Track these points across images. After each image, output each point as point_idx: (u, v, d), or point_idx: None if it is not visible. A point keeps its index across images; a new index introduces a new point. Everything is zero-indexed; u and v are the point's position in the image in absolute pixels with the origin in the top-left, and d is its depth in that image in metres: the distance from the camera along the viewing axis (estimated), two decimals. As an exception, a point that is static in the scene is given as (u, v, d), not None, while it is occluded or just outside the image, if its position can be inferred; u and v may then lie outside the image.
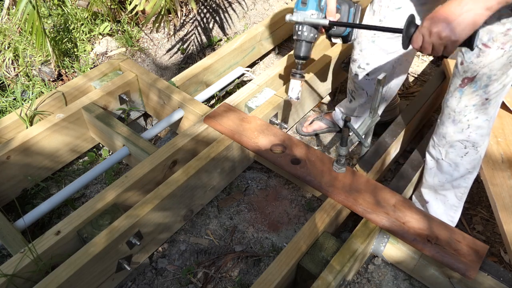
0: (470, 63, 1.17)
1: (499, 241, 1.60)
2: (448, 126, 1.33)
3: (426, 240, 1.22)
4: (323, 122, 1.91)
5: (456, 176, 1.42)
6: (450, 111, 1.29)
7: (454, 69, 1.26)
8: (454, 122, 1.30)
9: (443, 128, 1.35)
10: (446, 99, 1.31)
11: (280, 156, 1.48)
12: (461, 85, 1.22)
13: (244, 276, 1.43)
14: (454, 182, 1.44)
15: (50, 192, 1.72)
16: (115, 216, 1.33)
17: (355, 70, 1.60)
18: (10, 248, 1.32)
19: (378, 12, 1.42)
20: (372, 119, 1.41)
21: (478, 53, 1.14)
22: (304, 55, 1.39)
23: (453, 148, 1.36)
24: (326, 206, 1.36)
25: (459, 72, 1.22)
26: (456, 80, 1.24)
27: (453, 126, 1.31)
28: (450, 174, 1.43)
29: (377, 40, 1.47)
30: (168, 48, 2.39)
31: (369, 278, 1.38)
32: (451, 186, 1.46)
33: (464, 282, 1.23)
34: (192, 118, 1.74)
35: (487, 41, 1.10)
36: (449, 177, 1.43)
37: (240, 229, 1.56)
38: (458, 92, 1.24)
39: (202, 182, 1.50)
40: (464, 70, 1.19)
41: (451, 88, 1.27)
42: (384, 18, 1.41)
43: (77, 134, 1.75)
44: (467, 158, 1.37)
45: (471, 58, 1.16)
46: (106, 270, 1.28)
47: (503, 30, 1.07)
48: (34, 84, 2.11)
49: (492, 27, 1.08)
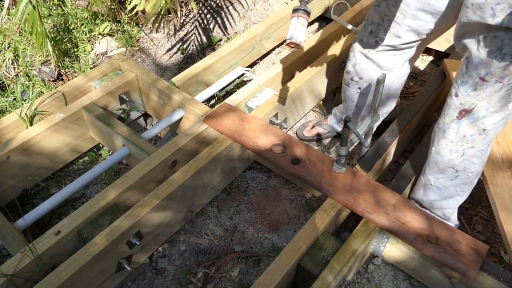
0: (466, 96, 1.14)
1: (499, 241, 1.59)
2: (444, 156, 1.30)
3: (426, 240, 1.22)
4: (323, 127, 1.89)
5: (445, 196, 1.41)
6: (448, 142, 1.26)
7: (448, 100, 1.22)
8: (451, 152, 1.28)
9: (439, 157, 1.32)
10: (443, 131, 1.26)
11: (280, 156, 1.48)
12: (458, 117, 1.19)
13: (244, 276, 1.43)
14: (443, 201, 1.43)
15: (50, 192, 1.72)
16: (115, 216, 1.33)
17: (348, 82, 1.59)
18: (10, 248, 1.32)
19: (376, 34, 1.39)
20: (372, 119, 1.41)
21: (475, 86, 1.11)
22: None
23: (444, 173, 1.34)
24: (326, 206, 1.36)
25: (454, 104, 1.19)
26: (452, 112, 1.20)
27: (449, 156, 1.29)
28: (439, 195, 1.41)
29: (371, 55, 1.46)
30: (168, 48, 2.39)
31: (369, 278, 1.38)
32: (440, 205, 1.45)
33: (464, 282, 1.23)
34: (192, 118, 1.74)
35: (485, 75, 1.08)
36: (438, 197, 1.42)
37: (240, 229, 1.56)
38: (455, 124, 1.21)
39: (202, 182, 1.50)
40: (461, 103, 1.17)
41: (447, 119, 1.23)
42: (381, 41, 1.39)
43: (77, 134, 1.75)
44: (457, 181, 1.35)
45: (468, 91, 1.13)
46: (106, 270, 1.28)
47: (503, 65, 1.04)
48: (34, 84, 2.11)
49: (492, 61, 1.05)
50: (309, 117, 2.06)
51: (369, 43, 1.44)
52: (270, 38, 2.28)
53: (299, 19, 1.23)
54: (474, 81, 1.11)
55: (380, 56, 1.46)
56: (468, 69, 1.11)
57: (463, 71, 1.14)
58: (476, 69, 1.09)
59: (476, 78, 1.10)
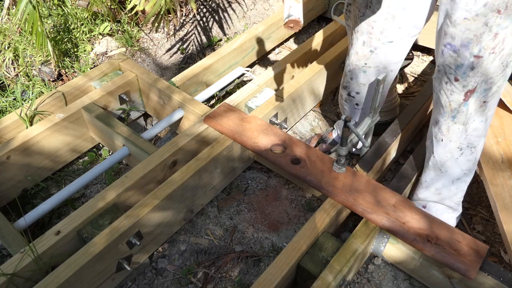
0: (466, 77, 1.16)
1: (499, 241, 1.59)
2: (456, 140, 1.31)
3: (426, 240, 1.22)
4: (329, 142, 1.85)
5: (453, 179, 1.42)
6: (460, 126, 1.28)
7: (446, 87, 1.22)
8: (461, 134, 1.29)
9: (451, 144, 1.33)
10: (452, 117, 1.26)
11: (280, 156, 1.48)
12: (465, 99, 1.21)
13: (244, 276, 1.43)
14: (452, 186, 1.44)
15: (50, 192, 1.72)
16: (115, 216, 1.33)
17: (345, 97, 1.59)
18: (10, 248, 1.32)
19: (369, 43, 1.38)
20: (372, 119, 1.41)
21: (472, 65, 1.13)
22: None
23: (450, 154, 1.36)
24: (326, 206, 1.36)
25: (457, 88, 1.20)
26: (457, 96, 1.21)
27: (460, 139, 1.31)
28: (447, 179, 1.42)
29: (368, 70, 1.45)
30: (168, 48, 2.39)
31: (369, 278, 1.38)
32: (449, 192, 1.46)
33: (464, 282, 1.23)
34: (192, 118, 1.74)
35: (478, 52, 1.10)
36: (446, 182, 1.43)
37: (240, 229, 1.56)
38: (464, 106, 1.23)
39: (202, 182, 1.50)
40: (463, 85, 1.18)
41: (454, 105, 1.24)
42: (375, 49, 1.39)
43: (77, 134, 1.75)
44: (462, 159, 1.36)
45: (466, 72, 1.15)
46: (106, 270, 1.28)
47: (491, 36, 1.07)
48: (34, 84, 2.11)
49: (482, 37, 1.07)
50: (309, 117, 2.06)
51: (364, 54, 1.43)
52: (270, 38, 2.29)
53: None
54: (469, 61, 1.12)
55: (376, 71, 1.45)
56: (459, 52, 1.13)
57: (452, 56, 1.15)
58: (468, 49, 1.11)
59: (471, 57, 1.12)
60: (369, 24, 1.35)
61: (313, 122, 2.05)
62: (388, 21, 1.31)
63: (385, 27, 1.33)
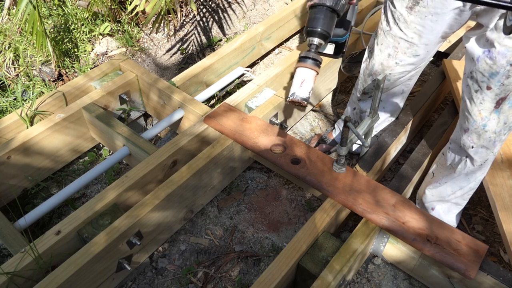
0: (500, 86, 1.15)
1: (498, 241, 1.60)
2: (489, 148, 1.31)
3: (425, 240, 1.22)
4: (329, 143, 1.86)
5: (471, 180, 1.43)
6: (491, 135, 1.26)
7: (476, 96, 1.21)
8: (495, 143, 1.29)
9: (483, 150, 1.32)
10: (483, 125, 1.25)
11: (280, 156, 1.48)
12: (496, 106, 1.20)
13: (244, 276, 1.43)
14: (470, 184, 1.45)
15: (51, 192, 1.73)
16: (115, 216, 1.33)
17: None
18: (11, 248, 1.32)
19: (394, 56, 1.38)
20: (372, 119, 1.41)
21: (507, 74, 1.12)
22: (323, 30, 0.92)
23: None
24: (326, 206, 1.36)
25: (489, 96, 1.18)
26: (489, 104, 1.20)
27: (493, 148, 1.31)
28: (467, 181, 1.43)
29: (392, 78, 1.46)
30: (168, 48, 2.40)
31: (369, 278, 1.38)
32: (462, 193, 1.47)
33: (464, 282, 1.23)
34: (192, 118, 1.74)
35: None
36: (465, 183, 1.44)
37: (240, 229, 1.56)
38: (495, 113, 1.21)
39: (202, 182, 1.50)
40: (496, 94, 1.17)
41: (484, 113, 1.22)
42: (401, 62, 1.39)
43: (78, 134, 1.76)
44: (488, 164, 1.38)
45: (501, 81, 1.14)
46: (106, 270, 1.28)
47: None
48: (34, 84, 2.11)
49: None
50: (309, 117, 2.06)
51: (389, 66, 1.44)
52: (270, 38, 2.29)
53: (306, 71, 0.98)
54: (505, 69, 1.11)
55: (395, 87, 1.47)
56: (496, 60, 1.11)
57: (488, 63, 1.13)
58: (505, 57, 1.09)
59: (507, 65, 1.10)
60: (396, 39, 1.35)
61: (313, 122, 2.05)
62: (415, 39, 1.32)
63: (412, 43, 1.33)
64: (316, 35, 0.95)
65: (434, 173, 1.54)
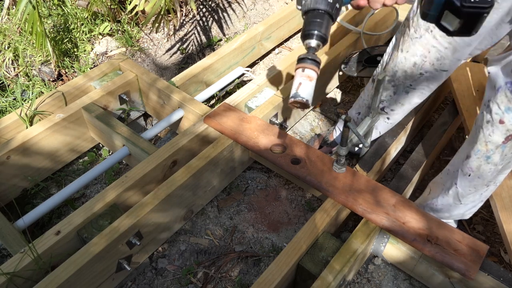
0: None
1: (499, 241, 1.60)
2: (486, 178, 1.28)
3: (426, 240, 1.22)
4: (331, 145, 1.82)
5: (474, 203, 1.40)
6: (492, 166, 1.22)
7: (487, 127, 1.16)
8: (493, 173, 1.26)
9: (479, 180, 1.29)
10: (486, 157, 1.20)
11: (280, 156, 1.48)
12: (504, 142, 1.15)
13: (244, 276, 1.43)
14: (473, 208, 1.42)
15: (50, 192, 1.72)
16: (115, 216, 1.33)
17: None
18: (10, 248, 1.32)
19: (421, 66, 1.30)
20: (372, 119, 1.41)
21: None
22: (320, 32, 0.91)
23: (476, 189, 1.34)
24: (326, 206, 1.36)
25: (500, 130, 1.13)
26: (497, 138, 1.15)
27: (490, 177, 1.28)
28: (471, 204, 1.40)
29: (411, 91, 1.39)
30: (168, 48, 2.39)
31: (369, 278, 1.38)
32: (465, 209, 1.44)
33: (464, 282, 1.23)
34: (192, 118, 1.74)
35: None
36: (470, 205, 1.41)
37: (240, 229, 1.56)
38: (501, 148, 1.17)
39: (202, 182, 1.50)
40: (508, 129, 1.11)
41: (490, 146, 1.18)
42: (425, 73, 1.31)
43: (77, 134, 1.75)
44: (487, 194, 1.36)
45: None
46: (106, 270, 1.28)
47: None
48: (34, 84, 2.11)
49: None
50: (309, 117, 2.06)
51: (412, 75, 1.35)
52: (270, 38, 2.29)
53: (305, 71, 0.97)
54: None
55: (418, 94, 1.40)
56: None
57: (508, 97, 1.07)
58: None
59: None
60: (426, 48, 1.25)
61: (313, 122, 2.05)
62: (448, 51, 1.22)
63: (443, 56, 1.24)
64: (312, 38, 0.96)
65: (431, 189, 1.52)
